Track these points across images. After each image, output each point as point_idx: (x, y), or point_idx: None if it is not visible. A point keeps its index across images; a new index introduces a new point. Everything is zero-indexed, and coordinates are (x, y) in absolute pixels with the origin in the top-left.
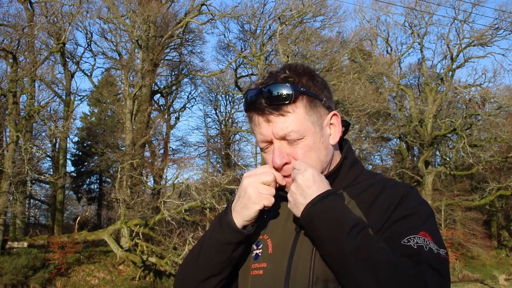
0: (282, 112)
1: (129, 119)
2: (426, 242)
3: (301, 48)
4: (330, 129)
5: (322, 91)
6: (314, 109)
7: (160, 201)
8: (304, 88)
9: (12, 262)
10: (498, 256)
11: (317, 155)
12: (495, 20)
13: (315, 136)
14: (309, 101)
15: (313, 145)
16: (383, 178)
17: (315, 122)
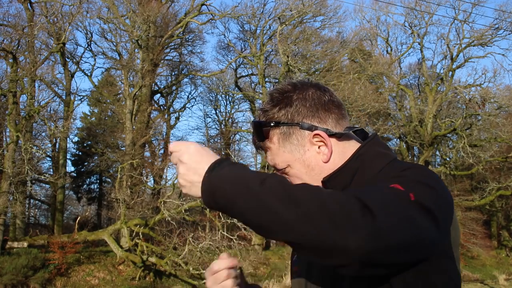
0: (264, 148)
1: (129, 119)
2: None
3: (301, 48)
4: (320, 148)
5: (299, 113)
6: (289, 138)
7: (160, 201)
8: (275, 120)
9: (12, 262)
10: (498, 256)
11: (309, 177)
12: (495, 20)
13: (299, 161)
14: (282, 132)
15: (301, 170)
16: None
17: (294, 150)
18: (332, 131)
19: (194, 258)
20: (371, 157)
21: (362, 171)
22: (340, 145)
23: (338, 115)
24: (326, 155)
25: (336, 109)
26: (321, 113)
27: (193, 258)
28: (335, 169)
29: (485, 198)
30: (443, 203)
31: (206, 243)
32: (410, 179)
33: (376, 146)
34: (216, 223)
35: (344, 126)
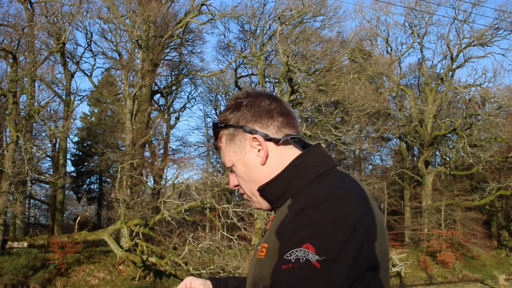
0: (217, 147)
1: (129, 119)
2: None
3: (301, 48)
4: (259, 151)
5: (244, 117)
6: (233, 139)
7: (160, 201)
8: (224, 123)
9: (12, 262)
10: (498, 256)
11: (249, 177)
12: (495, 20)
13: (240, 162)
14: (228, 133)
15: (242, 170)
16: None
17: (236, 150)
18: (270, 136)
19: (194, 258)
20: (305, 168)
21: (296, 181)
22: (279, 150)
23: (281, 123)
24: (263, 158)
25: (281, 117)
26: (264, 119)
27: (193, 258)
28: (272, 172)
29: (485, 198)
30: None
31: (206, 243)
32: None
33: (312, 156)
34: (216, 223)
35: (285, 133)
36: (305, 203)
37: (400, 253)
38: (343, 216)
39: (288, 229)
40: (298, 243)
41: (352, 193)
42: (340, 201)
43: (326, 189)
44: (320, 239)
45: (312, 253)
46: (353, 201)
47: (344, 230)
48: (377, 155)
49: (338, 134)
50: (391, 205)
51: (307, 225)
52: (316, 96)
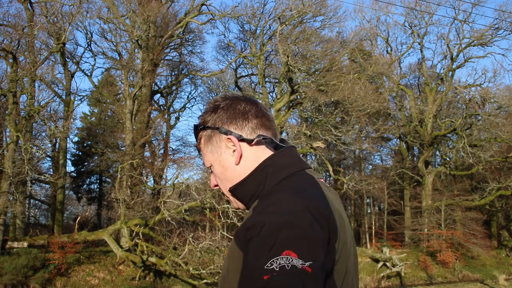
0: (198, 148)
1: (129, 119)
2: (290, 260)
3: (301, 48)
4: (234, 151)
5: (220, 119)
6: (210, 140)
7: (160, 201)
8: (203, 125)
9: (12, 262)
10: (498, 256)
11: (224, 176)
12: (495, 20)
13: (217, 161)
14: (206, 135)
15: (218, 169)
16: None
17: (213, 150)
18: (243, 137)
19: (194, 258)
20: (273, 169)
21: (264, 182)
22: (253, 151)
23: (256, 125)
24: (237, 158)
25: (256, 119)
26: (238, 121)
27: (193, 258)
28: (245, 172)
29: (485, 198)
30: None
31: (206, 243)
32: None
33: (282, 158)
34: (216, 223)
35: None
36: (262, 206)
37: (400, 253)
38: (308, 219)
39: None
40: (277, 251)
41: (312, 196)
42: (294, 204)
43: (282, 193)
44: (298, 243)
45: (296, 259)
46: (314, 205)
47: (312, 233)
48: (377, 155)
49: (338, 134)
50: (391, 205)
51: (279, 232)
52: (316, 96)
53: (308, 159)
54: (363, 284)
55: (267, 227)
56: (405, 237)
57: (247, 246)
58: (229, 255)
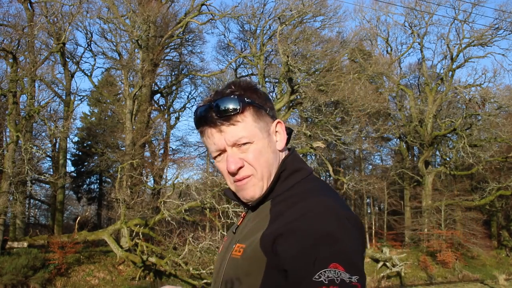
0: (232, 122)
1: (129, 119)
2: (338, 273)
3: (301, 48)
4: (276, 136)
5: (265, 102)
6: (260, 118)
7: (160, 201)
8: (250, 99)
9: (12, 262)
10: (498, 256)
11: (266, 159)
12: (495, 20)
13: (263, 141)
14: (255, 111)
15: (262, 149)
16: (308, 189)
17: (263, 128)
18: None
19: (194, 258)
20: (286, 174)
21: (277, 186)
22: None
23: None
24: (283, 144)
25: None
26: (275, 112)
27: (193, 258)
28: (278, 161)
29: (485, 198)
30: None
31: (206, 243)
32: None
33: (292, 162)
34: (216, 223)
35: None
36: (298, 213)
37: (400, 253)
38: (349, 227)
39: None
40: (324, 263)
41: (343, 203)
42: (343, 214)
43: (318, 200)
44: (344, 256)
45: (344, 272)
46: (351, 213)
47: (356, 240)
48: (377, 155)
49: (338, 134)
50: (391, 205)
51: (321, 243)
52: (316, 96)
53: (308, 159)
54: None
55: (310, 237)
56: (405, 237)
57: (274, 253)
58: (248, 257)
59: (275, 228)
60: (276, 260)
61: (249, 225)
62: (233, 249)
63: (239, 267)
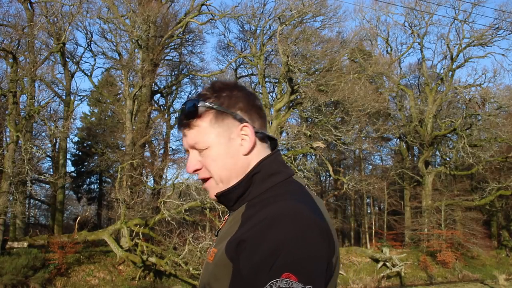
0: (191, 126)
1: (129, 119)
2: (289, 284)
3: (301, 48)
4: (241, 139)
5: (236, 104)
6: (219, 122)
7: (160, 201)
8: (213, 103)
9: (12, 262)
10: (498, 256)
11: (223, 163)
12: (495, 20)
13: (220, 146)
14: (214, 115)
15: (218, 154)
16: (280, 193)
17: (221, 133)
18: (256, 129)
19: (194, 258)
20: (262, 176)
21: (252, 189)
22: (258, 147)
23: (263, 122)
24: (247, 148)
25: (262, 117)
26: (253, 113)
27: (193, 258)
28: (248, 164)
29: (485, 198)
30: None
31: (206, 243)
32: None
33: (271, 164)
34: (216, 223)
35: (265, 132)
36: (262, 218)
37: (400, 253)
38: (311, 236)
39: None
40: (277, 273)
41: (312, 209)
42: (305, 221)
43: (284, 205)
44: (298, 266)
45: (295, 282)
46: (317, 219)
47: (314, 251)
48: (377, 155)
49: (338, 134)
50: (391, 205)
51: (278, 251)
52: (316, 96)
53: (308, 159)
54: (363, 284)
55: (267, 244)
56: (405, 237)
57: (238, 259)
58: (217, 262)
59: (240, 233)
60: (239, 266)
61: (225, 229)
62: (209, 253)
63: (210, 271)
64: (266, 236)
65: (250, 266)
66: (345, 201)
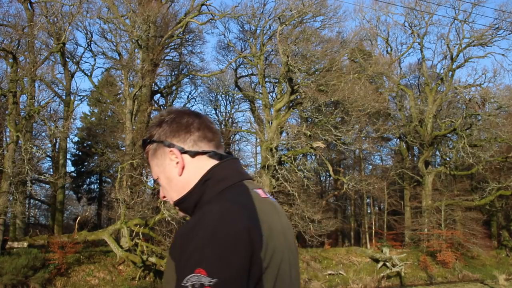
0: (148, 162)
1: (129, 119)
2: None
3: (301, 48)
4: (177, 163)
5: (165, 133)
6: (155, 153)
7: (160, 201)
8: (149, 139)
9: (12, 262)
10: (498, 256)
11: (170, 188)
12: (495, 20)
13: (162, 174)
14: (152, 148)
15: (164, 181)
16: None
17: (159, 163)
18: (185, 149)
19: None
20: (212, 182)
21: (204, 195)
22: (195, 162)
23: (198, 137)
24: (180, 169)
25: (198, 132)
26: (181, 134)
27: None
28: (188, 182)
29: (485, 198)
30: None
31: None
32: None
33: (221, 170)
34: None
35: (202, 147)
36: (191, 220)
37: (400, 253)
38: (228, 235)
39: (180, 251)
40: (191, 269)
41: (238, 209)
42: (225, 220)
43: (211, 207)
44: (209, 262)
45: (205, 277)
46: (237, 218)
47: (230, 248)
48: (377, 155)
49: (338, 134)
50: (391, 205)
51: (197, 249)
52: (316, 96)
53: (308, 159)
54: (363, 284)
55: (187, 243)
56: (405, 237)
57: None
58: (166, 265)
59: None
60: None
61: None
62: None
63: (164, 275)
64: (186, 236)
65: (177, 264)
66: (345, 201)
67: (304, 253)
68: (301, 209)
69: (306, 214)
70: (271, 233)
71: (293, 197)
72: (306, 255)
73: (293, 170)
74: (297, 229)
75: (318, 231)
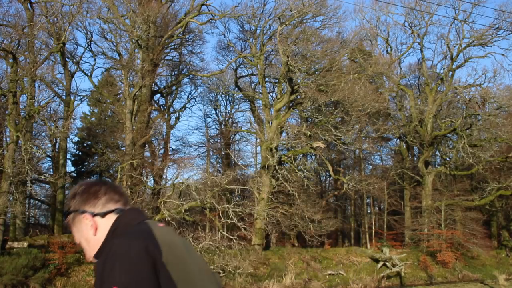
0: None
1: (129, 119)
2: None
3: (301, 48)
4: (91, 226)
5: (79, 202)
6: (74, 221)
7: (160, 201)
8: (68, 210)
9: (12, 262)
10: (498, 256)
11: (90, 248)
12: (495, 20)
13: (82, 237)
14: (71, 217)
15: (85, 243)
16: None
17: (78, 229)
18: (95, 212)
19: None
20: (120, 229)
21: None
22: (105, 221)
23: (106, 200)
24: (93, 230)
25: (105, 196)
26: (91, 201)
27: None
28: (102, 239)
29: (485, 198)
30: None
31: (206, 243)
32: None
33: (123, 218)
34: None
35: (109, 208)
36: (105, 253)
37: (400, 253)
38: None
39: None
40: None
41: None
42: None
43: (115, 240)
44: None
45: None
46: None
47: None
48: (377, 155)
49: (338, 134)
50: (391, 205)
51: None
52: (316, 96)
53: (308, 159)
54: (363, 284)
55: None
56: (405, 237)
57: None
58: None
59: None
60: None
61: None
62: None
63: None
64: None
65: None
66: (345, 201)
67: (304, 253)
68: (301, 209)
69: (306, 214)
70: (171, 244)
71: (293, 197)
72: (306, 255)
73: (293, 170)
74: (297, 229)
75: (318, 231)
